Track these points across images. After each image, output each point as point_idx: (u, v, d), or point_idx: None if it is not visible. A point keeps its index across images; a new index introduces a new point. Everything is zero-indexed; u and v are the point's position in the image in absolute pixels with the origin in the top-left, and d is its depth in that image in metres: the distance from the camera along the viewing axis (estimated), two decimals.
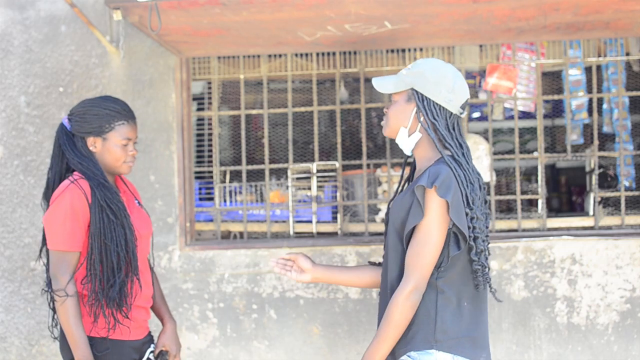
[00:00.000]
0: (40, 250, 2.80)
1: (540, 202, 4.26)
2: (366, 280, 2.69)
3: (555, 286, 4.10)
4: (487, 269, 2.38)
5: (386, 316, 2.33)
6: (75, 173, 2.64)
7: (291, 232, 4.33)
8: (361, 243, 4.18)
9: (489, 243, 2.47)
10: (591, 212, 4.39)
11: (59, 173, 2.71)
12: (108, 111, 2.65)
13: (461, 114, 2.43)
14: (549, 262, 4.10)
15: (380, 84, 2.49)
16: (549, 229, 4.20)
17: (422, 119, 2.40)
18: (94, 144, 2.66)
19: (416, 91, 2.40)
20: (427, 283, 2.34)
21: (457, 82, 2.40)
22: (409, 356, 2.35)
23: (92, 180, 2.59)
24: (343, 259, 4.17)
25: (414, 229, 2.34)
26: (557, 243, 4.11)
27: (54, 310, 2.71)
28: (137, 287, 2.67)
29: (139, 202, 2.84)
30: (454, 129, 2.41)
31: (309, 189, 4.45)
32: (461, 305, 2.36)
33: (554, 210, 6.02)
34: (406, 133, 2.44)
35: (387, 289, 2.43)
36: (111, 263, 2.57)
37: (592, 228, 4.23)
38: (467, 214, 2.31)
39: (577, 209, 6.19)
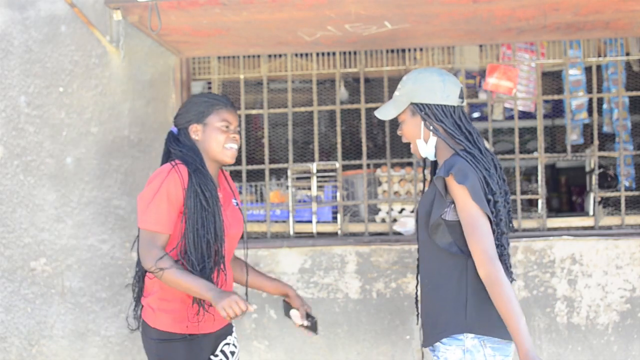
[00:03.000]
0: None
1: (540, 202, 4.26)
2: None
3: (555, 286, 4.10)
4: (505, 251, 2.48)
5: (501, 308, 2.33)
6: (176, 160, 2.69)
7: (291, 232, 4.33)
8: (361, 243, 4.18)
9: (512, 217, 2.60)
10: (591, 212, 4.39)
11: None
12: (206, 99, 2.75)
13: (462, 102, 2.57)
14: (549, 262, 4.10)
15: (383, 114, 2.64)
16: (549, 229, 4.20)
17: (431, 125, 2.54)
18: (196, 131, 2.73)
19: (415, 103, 2.55)
20: (456, 270, 2.44)
21: (445, 78, 2.55)
22: (442, 343, 2.46)
23: (190, 165, 2.64)
24: (343, 259, 4.17)
25: (440, 219, 2.45)
26: (557, 243, 4.11)
27: (137, 300, 2.77)
28: (223, 278, 2.69)
29: (237, 203, 2.86)
30: (461, 121, 2.55)
31: (309, 189, 4.45)
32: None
33: (554, 210, 6.02)
34: (423, 143, 2.58)
35: (427, 283, 2.54)
36: (201, 249, 2.60)
37: (592, 228, 4.22)
38: (489, 200, 2.43)
39: (577, 209, 6.19)
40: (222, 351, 2.80)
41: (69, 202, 4.23)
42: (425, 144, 2.57)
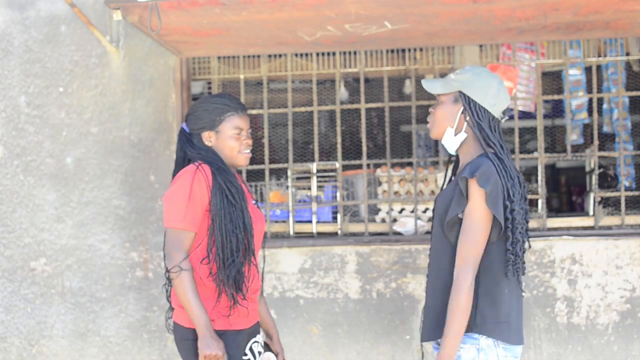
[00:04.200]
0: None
1: (540, 202, 4.26)
2: None
3: (555, 286, 4.10)
4: (519, 260, 2.48)
5: (450, 311, 2.42)
6: (198, 161, 2.74)
7: (291, 232, 4.33)
8: (361, 243, 4.17)
9: (528, 237, 2.60)
10: (591, 212, 4.39)
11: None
12: (217, 105, 2.76)
13: (502, 118, 2.59)
14: (549, 262, 4.10)
15: (429, 85, 2.64)
16: (549, 229, 4.20)
17: (468, 119, 2.55)
18: (209, 138, 2.77)
19: (463, 93, 2.55)
20: None
21: (501, 89, 2.56)
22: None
23: (212, 165, 2.70)
24: (343, 259, 4.17)
25: (456, 217, 2.46)
26: (557, 243, 4.11)
27: (170, 303, 2.80)
28: (255, 271, 2.73)
29: (255, 202, 2.90)
30: (495, 130, 2.57)
31: (309, 189, 4.45)
32: (501, 291, 2.46)
33: (554, 210, 6.02)
34: (452, 133, 2.57)
35: (435, 278, 2.57)
36: (229, 244, 2.65)
37: (592, 228, 4.22)
38: (506, 206, 2.43)
39: (577, 209, 6.19)
40: (250, 349, 2.81)
41: (69, 202, 4.23)
42: (454, 135, 2.57)
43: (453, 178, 2.71)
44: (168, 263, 2.63)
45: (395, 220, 4.33)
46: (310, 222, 4.37)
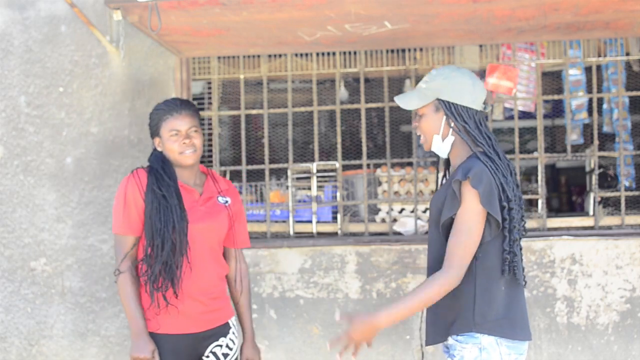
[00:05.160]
0: None
1: (540, 202, 4.26)
2: None
3: (555, 286, 4.10)
4: (516, 258, 2.48)
5: (419, 290, 2.43)
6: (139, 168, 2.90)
7: (291, 232, 4.33)
8: (361, 243, 4.17)
9: (525, 230, 2.60)
10: (591, 212, 4.38)
11: None
12: (156, 111, 2.90)
13: (484, 109, 2.59)
14: (549, 262, 4.10)
15: (405, 102, 2.63)
16: (549, 229, 4.20)
17: (452, 124, 2.55)
18: (158, 144, 2.91)
19: (442, 100, 2.54)
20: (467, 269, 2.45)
21: (475, 82, 2.57)
22: (457, 341, 2.46)
23: (150, 169, 2.84)
24: (343, 259, 4.17)
25: (451, 219, 2.46)
26: (557, 243, 4.11)
27: None
28: (188, 269, 2.77)
29: (226, 202, 2.93)
30: (481, 125, 2.56)
31: (309, 189, 4.45)
32: (498, 289, 2.47)
33: (554, 210, 6.02)
34: (439, 139, 2.57)
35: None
36: (155, 242, 2.75)
37: (592, 228, 4.22)
38: (504, 207, 2.44)
39: (577, 209, 6.18)
40: (212, 352, 2.87)
41: (69, 202, 4.23)
42: (442, 142, 2.57)
43: (445, 180, 2.71)
44: (115, 267, 2.79)
45: (395, 220, 4.33)
46: (310, 222, 4.37)
